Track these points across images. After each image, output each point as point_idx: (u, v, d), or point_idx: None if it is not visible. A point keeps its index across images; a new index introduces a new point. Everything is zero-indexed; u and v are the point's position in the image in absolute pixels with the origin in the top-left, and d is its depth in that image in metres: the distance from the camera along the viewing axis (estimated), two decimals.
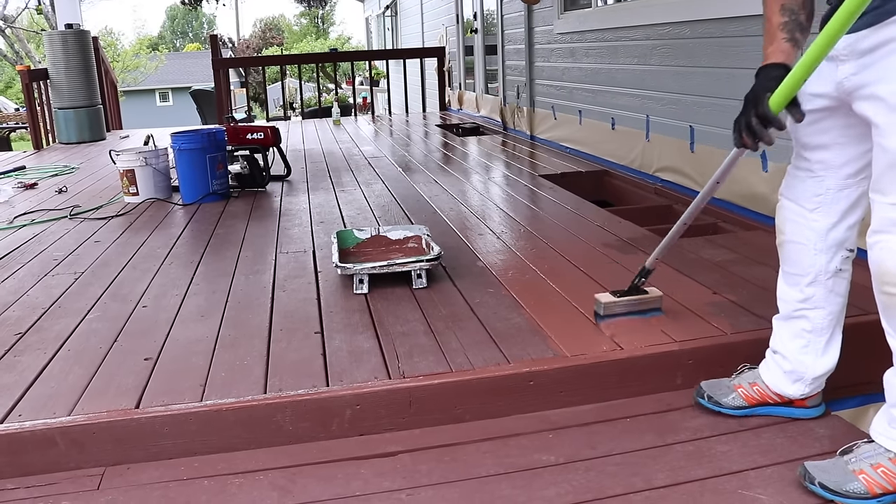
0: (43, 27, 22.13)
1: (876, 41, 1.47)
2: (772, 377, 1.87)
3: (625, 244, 3.06)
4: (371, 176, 4.95)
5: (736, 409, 1.89)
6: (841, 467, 1.58)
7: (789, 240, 1.79)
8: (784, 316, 1.85)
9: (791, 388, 1.85)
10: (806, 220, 1.74)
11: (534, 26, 6.31)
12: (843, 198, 1.70)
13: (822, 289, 1.76)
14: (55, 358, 2.17)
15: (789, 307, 1.83)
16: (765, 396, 1.88)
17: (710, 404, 1.91)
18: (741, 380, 1.92)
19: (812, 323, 1.79)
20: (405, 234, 3.02)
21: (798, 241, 1.76)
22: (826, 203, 1.71)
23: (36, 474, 1.77)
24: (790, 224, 1.78)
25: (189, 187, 4.21)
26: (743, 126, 1.61)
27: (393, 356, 2.07)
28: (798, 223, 1.75)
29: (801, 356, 1.82)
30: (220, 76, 8.62)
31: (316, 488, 1.69)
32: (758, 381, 1.89)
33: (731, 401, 1.90)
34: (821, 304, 1.78)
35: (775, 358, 1.88)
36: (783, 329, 1.86)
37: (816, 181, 1.71)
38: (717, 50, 3.58)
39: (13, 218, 4.04)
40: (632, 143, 4.56)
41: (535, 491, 1.64)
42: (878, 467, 1.54)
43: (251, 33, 40.61)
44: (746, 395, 1.89)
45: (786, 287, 1.83)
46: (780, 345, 1.86)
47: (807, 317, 1.79)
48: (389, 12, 15.84)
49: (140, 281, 2.84)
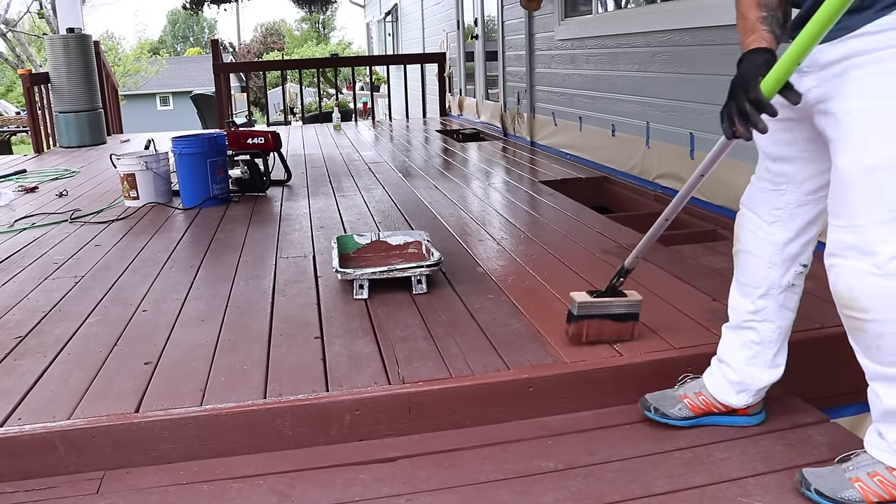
0: (44, 31, 22.17)
1: (835, 56, 1.46)
2: (717, 386, 1.87)
3: (624, 251, 3.06)
4: (371, 181, 4.96)
5: (683, 419, 1.89)
6: (838, 475, 1.58)
7: (745, 250, 1.78)
8: (733, 325, 1.85)
9: (735, 398, 1.85)
10: (764, 232, 1.73)
11: (534, 33, 6.33)
12: (802, 213, 1.69)
13: (773, 302, 1.76)
14: (55, 362, 2.17)
15: (739, 317, 1.82)
16: (710, 406, 1.88)
17: (657, 416, 1.89)
18: (686, 390, 1.92)
19: (760, 335, 1.79)
20: (405, 239, 3.02)
21: (754, 252, 1.76)
22: (785, 218, 1.70)
23: (35, 478, 1.77)
24: (747, 234, 1.77)
25: (189, 192, 4.22)
26: (735, 112, 1.50)
27: (393, 361, 2.07)
28: (755, 234, 1.75)
29: (748, 367, 1.82)
30: (221, 81, 8.64)
31: (315, 493, 1.69)
32: (703, 390, 1.89)
33: (677, 412, 1.89)
34: (771, 318, 1.78)
35: (721, 367, 1.87)
36: (731, 338, 1.85)
37: (777, 194, 1.70)
38: (718, 57, 3.59)
39: (14, 221, 4.05)
40: (632, 149, 4.57)
41: (534, 497, 1.64)
42: (874, 476, 1.54)
43: (252, 38, 40.62)
44: (692, 405, 1.89)
45: (738, 297, 1.83)
46: (728, 354, 1.86)
47: (756, 329, 1.79)
48: (390, 18, 15.87)
49: (140, 285, 2.84)
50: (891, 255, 1.42)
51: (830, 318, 1.93)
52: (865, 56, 1.41)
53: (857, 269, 1.46)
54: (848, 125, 1.45)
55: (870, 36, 1.40)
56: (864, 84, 1.42)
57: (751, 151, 3.57)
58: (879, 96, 1.40)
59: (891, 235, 1.42)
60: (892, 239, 1.42)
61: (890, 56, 1.38)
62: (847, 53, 1.42)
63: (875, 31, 1.39)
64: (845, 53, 1.43)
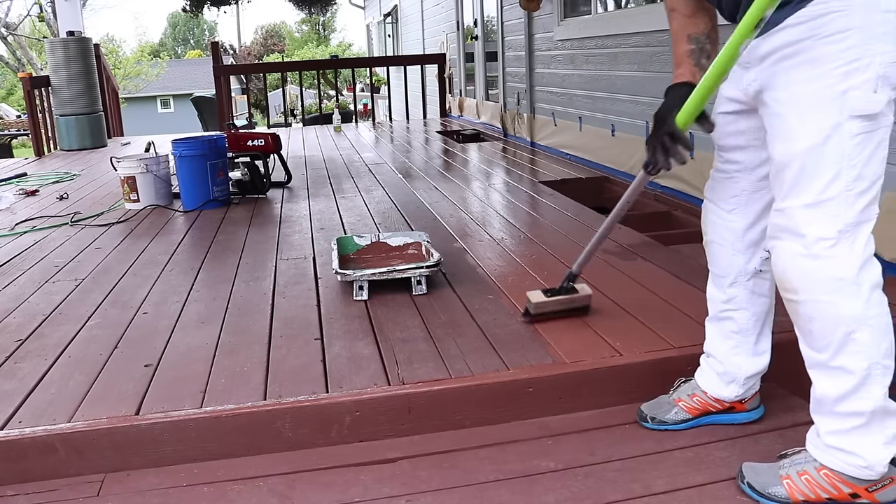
0: (45, 34, 22.20)
1: (767, 49, 1.51)
2: (707, 381, 1.89)
3: (625, 250, 3.06)
4: (371, 182, 4.96)
5: (680, 423, 1.89)
6: (773, 471, 1.60)
7: (711, 240, 1.83)
8: (712, 317, 1.89)
9: (726, 390, 1.87)
10: (724, 220, 1.78)
11: (534, 33, 6.33)
12: (757, 199, 1.72)
13: (743, 290, 1.79)
14: (55, 364, 2.17)
15: (716, 308, 1.86)
16: (705, 405, 1.89)
17: (654, 425, 1.90)
18: (679, 393, 1.93)
19: (738, 324, 1.82)
20: (405, 240, 3.02)
21: (717, 241, 1.81)
22: (742, 204, 1.74)
23: (36, 481, 1.77)
24: (710, 224, 1.82)
25: (190, 194, 4.22)
26: (658, 145, 1.66)
27: (392, 363, 2.07)
28: (717, 224, 1.80)
29: (732, 357, 1.84)
30: (222, 83, 8.65)
31: (315, 494, 1.69)
32: (696, 391, 1.90)
33: (674, 416, 1.90)
34: (744, 305, 1.80)
35: (709, 361, 1.90)
36: (713, 331, 1.88)
37: (732, 182, 1.75)
38: None
39: (14, 224, 4.05)
40: (632, 149, 4.57)
41: (535, 497, 1.64)
42: (802, 474, 1.56)
43: (252, 40, 40.71)
44: (688, 406, 1.90)
45: (712, 287, 1.88)
46: (712, 347, 1.88)
47: (732, 318, 1.83)
48: (390, 19, 15.89)
49: (140, 288, 2.85)
50: (817, 237, 1.45)
51: None
52: (790, 48, 1.46)
53: (789, 250, 1.50)
54: (778, 114, 1.51)
55: (792, 28, 1.45)
56: (790, 74, 1.48)
57: None
58: (802, 83, 1.46)
59: (817, 218, 1.46)
60: (818, 221, 1.46)
61: (810, 45, 1.44)
62: (776, 46, 1.48)
63: (796, 23, 1.45)
64: (775, 46, 1.49)
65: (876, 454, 1.50)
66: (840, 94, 1.42)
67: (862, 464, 1.50)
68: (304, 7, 14.45)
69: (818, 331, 1.50)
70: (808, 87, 1.45)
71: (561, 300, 2.29)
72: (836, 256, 1.45)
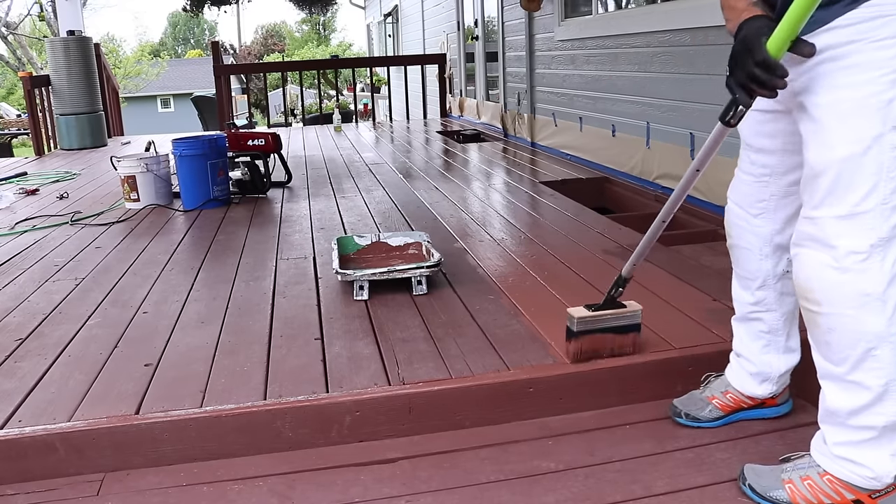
0: (45, 34, 22.21)
1: None
2: (739, 381, 1.88)
3: (625, 251, 3.06)
4: (372, 182, 4.96)
5: (714, 420, 1.89)
6: (776, 474, 1.59)
7: (736, 244, 1.80)
8: (740, 317, 1.87)
9: (759, 388, 1.86)
10: (750, 224, 1.74)
11: (535, 33, 6.33)
12: (786, 205, 1.68)
13: (772, 292, 1.77)
14: (55, 364, 2.17)
15: (744, 309, 1.84)
16: (738, 402, 1.89)
17: (688, 421, 1.91)
18: (712, 390, 1.92)
19: (767, 324, 1.81)
20: (405, 240, 3.02)
21: (744, 245, 1.77)
22: (769, 210, 1.70)
23: (36, 480, 1.77)
24: (735, 228, 1.78)
25: (190, 193, 4.22)
26: (746, 80, 1.42)
27: (393, 362, 2.07)
28: (743, 228, 1.76)
29: (763, 357, 1.84)
30: (222, 82, 8.65)
31: (315, 494, 1.69)
32: (729, 388, 1.90)
33: (708, 413, 1.90)
34: (773, 307, 1.79)
35: (740, 361, 1.89)
36: (741, 331, 1.87)
37: (760, 186, 1.70)
38: (718, 57, 3.59)
39: (14, 224, 4.05)
40: (632, 150, 4.57)
41: (535, 497, 1.64)
42: (805, 479, 1.55)
43: (252, 40, 40.70)
44: (721, 404, 1.90)
45: (738, 289, 1.85)
46: (742, 347, 1.87)
47: (761, 319, 1.81)
48: (391, 19, 15.89)
49: (141, 287, 2.85)
50: (848, 250, 1.42)
51: None
52: (835, 50, 1.41)
53: (816, 260, 1.46)
54: (817, 118, 1.45)
55: (841, 29, 1.40)
56: (833, 78, 1.42)
57: None
58: (846, 89, 1.40)
59: (850, 230, 1.42)
60: (850, 234, 1.42)
61: (857, 49, 1.38)
62: (821, 47, 1.42)
63: (844, 24, 1.39)
64: (820, 47, 1.42)
65: (884, 466, 1.49)
66: (886, 104, 1.36)
67: (870, 475, 1.49)
68: (305, 7, 14.45)
69: (837, 343, 1.47)
70: (852, 94, 1.39)
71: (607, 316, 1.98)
72: (867, 271, 1.41)
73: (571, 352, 2.00)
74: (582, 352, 2.00)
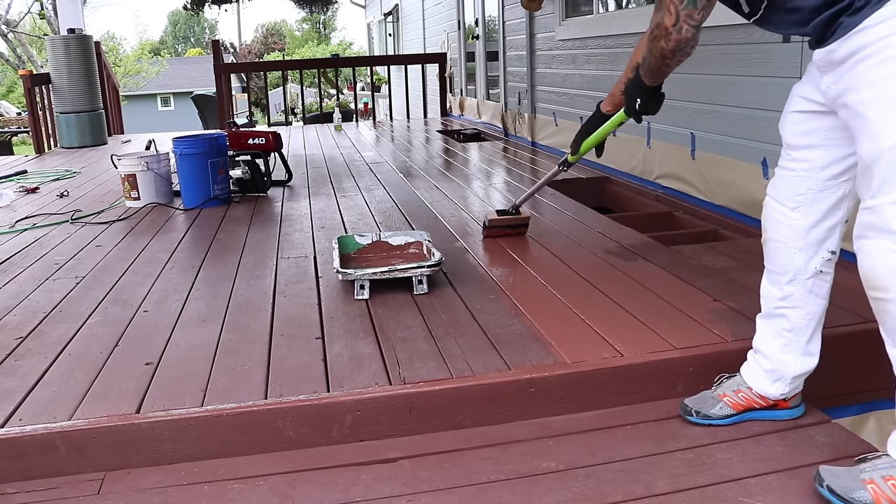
0: (45, 32, 22.20)
1: (844, 53, 1.52)
2: (753, 377, 1.89)
3: (626, 251, 3.06)
4: (372, 181, 4.96)
5: (724, 418, 1.90)
6: (854, 475, 1.57)
7: (771, 237, 1.82)
8: (765, 314, 1.88)
9: (771, 387, 1.87)
10: (787, 218, 1.77)
11: (535, 33, 6.32)
12: (824, 198, 1.72)
13: (801, 288, 1.79)
14: (56, 362, 2.17)
15: (770, 304, 1.85)
16: (750, 401, 1.90)
17: (699, 419, 1.91)
18: (724, 389, 1.93)
19: (791, 322, 1.82)
20: (406, 239, 3.02)
21: (778, 238, 1.79)
22: (807, 203, 1.74)
23: (36, 479, 1.77)
24: (772, 222, 1.81)
25: (190, 192, 4.22)
26: None
27: (394, 362, 2.07)
28: (779, 221, 1.79)
29: (781, 355, 1.84)
30: (222, 81, 8.64)
31: (316, 494, 1.69)
32: (741, 387, 1.91)
33: (718, 411, 1.91)
34: (800, 304, 1.80)
35: (756, 357, 1.90)
36: (764, 327, 1.88)
37: (799, 180, 1.74)
38: (719, 57, 3.59)
39: (15, 222, 4.05)
40: (633, 149, 4.57)
41: (535, 498, 1.64)
42: (888, 479, 1.53)
43: (253, 38, 40.66)
44: (733, 402, 1.90)
45: (767, 285, 1.87)
46: (762, 343, 1.88)
47: (786, 315, 1.82)
48: (391, 18, 15.88)
49: (141, 286, 2.84)
50: None
51: (832, 319, 1.94)
52: (869, 48, 1.47)
53: (879, 247, 1.49)
54: (863, 114, 1.51)
55: (871, 28, 1.47)
56: (872, 73, 1.48)
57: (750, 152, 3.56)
58: (884, 81, 1.47)
59: None
60: None
61: (890, 44, 1.45)
62: (854, 49, 1.49)
63: (874, 23, 1.46)
64: (853, 49, 1.50)
65: None
66: None
67: None
68: (305, 5, 14.45)
69: None
70: (892, 85, 1.46)
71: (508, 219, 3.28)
72: None
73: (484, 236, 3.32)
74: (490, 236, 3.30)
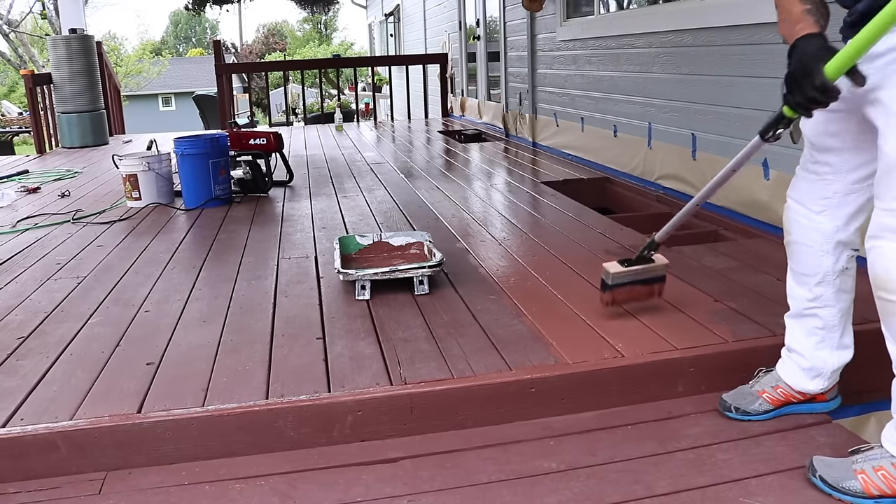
0: (47, 32, 22.21)
1: (885, 47, 1.49)
2: (791, 376, 1.89)
3: (627, 251, 3.06)
4: (373, 182, 4.96)
5: (763, 413, 1.91)
6: (846, 465, 1.60)
7: (795, 240, 1.81)
8: (795, 314, 1.87)
9: (811, 384, 1.87)
10: (812, 221, 1.76)
11: (536, 33, 6.32)
12: (849, 202, 1.71)
13: (830, 288, 1.78)
14: (57, 362, 2.17)
15: (800, 305, 1.85)
16: (788, 396, 1.90)
17: (738, 415, 1.92)
18: (762, 384, 1.93)
19: (823, 321, 1.82)
20: (407, 240, 3.02)
21: (804, 242, 1.78)
22: (832, 206, 1.73)
23: (38, 478, 1.77)
24: (796, 225, 1.80)
25: (191, 192, 4.22)
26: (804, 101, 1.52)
27: (395, 362, 2.07)
28: (804, 225, 1.77)
29: (817, 352, 1.84)
30: (223, 81, 8.65)
31: (317, 494, 1.69)
32: (780, 382, 1.91)
33: (758, 407, 1.91)
34: (831, 303, 1.80)
35: (792, 356, 1.90)
36: (796, 327, 1.88)
37: (824, 184, 1.73)
38: (720, 58, 3.59)
39: (16, 222, 4.05)
40: (634, 150, 4.57)
41: (536, 498, 1.64)
42: (878, 469, 1.56)
43: (254, 38, 40.66)
44: (772, 398, 1.91)
45: (795, 285, 1.86)
46: (796, 342, 1.88)
47: (818, 315, 1.82)
48: (392, 18, 15.88)
49: (142, 286, 2.85)
50: None
51: None
52: None
53: (894, 250, 1.48)
54: (894, 112, 1.48)
55: None
56: None
57: None
58: None
59: None
60: None
61: None
62: (887, 48, 1.46)
63: None
64: (891, 45, 1.46)
65: None
66: None
67: None
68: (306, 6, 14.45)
69: None
70: None
71: (637, 270, 2.27)
72: None
73: (606, 301, 2.31)
74: (615, 301, 2.31)
